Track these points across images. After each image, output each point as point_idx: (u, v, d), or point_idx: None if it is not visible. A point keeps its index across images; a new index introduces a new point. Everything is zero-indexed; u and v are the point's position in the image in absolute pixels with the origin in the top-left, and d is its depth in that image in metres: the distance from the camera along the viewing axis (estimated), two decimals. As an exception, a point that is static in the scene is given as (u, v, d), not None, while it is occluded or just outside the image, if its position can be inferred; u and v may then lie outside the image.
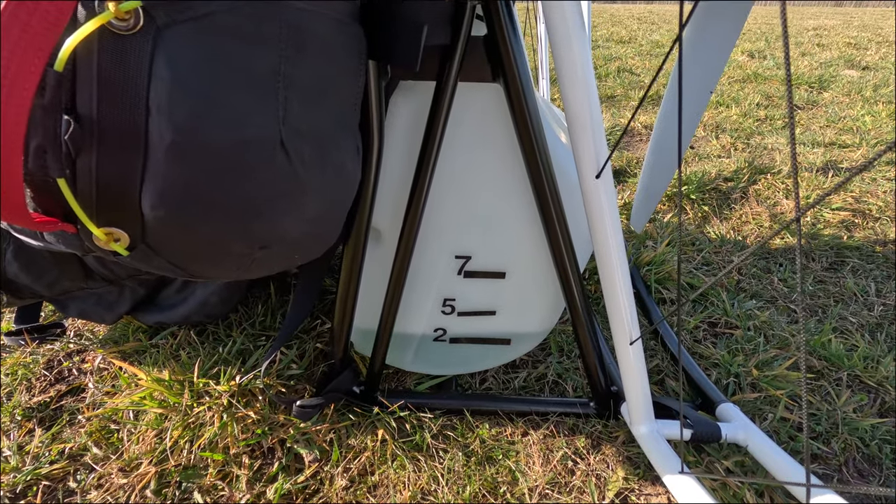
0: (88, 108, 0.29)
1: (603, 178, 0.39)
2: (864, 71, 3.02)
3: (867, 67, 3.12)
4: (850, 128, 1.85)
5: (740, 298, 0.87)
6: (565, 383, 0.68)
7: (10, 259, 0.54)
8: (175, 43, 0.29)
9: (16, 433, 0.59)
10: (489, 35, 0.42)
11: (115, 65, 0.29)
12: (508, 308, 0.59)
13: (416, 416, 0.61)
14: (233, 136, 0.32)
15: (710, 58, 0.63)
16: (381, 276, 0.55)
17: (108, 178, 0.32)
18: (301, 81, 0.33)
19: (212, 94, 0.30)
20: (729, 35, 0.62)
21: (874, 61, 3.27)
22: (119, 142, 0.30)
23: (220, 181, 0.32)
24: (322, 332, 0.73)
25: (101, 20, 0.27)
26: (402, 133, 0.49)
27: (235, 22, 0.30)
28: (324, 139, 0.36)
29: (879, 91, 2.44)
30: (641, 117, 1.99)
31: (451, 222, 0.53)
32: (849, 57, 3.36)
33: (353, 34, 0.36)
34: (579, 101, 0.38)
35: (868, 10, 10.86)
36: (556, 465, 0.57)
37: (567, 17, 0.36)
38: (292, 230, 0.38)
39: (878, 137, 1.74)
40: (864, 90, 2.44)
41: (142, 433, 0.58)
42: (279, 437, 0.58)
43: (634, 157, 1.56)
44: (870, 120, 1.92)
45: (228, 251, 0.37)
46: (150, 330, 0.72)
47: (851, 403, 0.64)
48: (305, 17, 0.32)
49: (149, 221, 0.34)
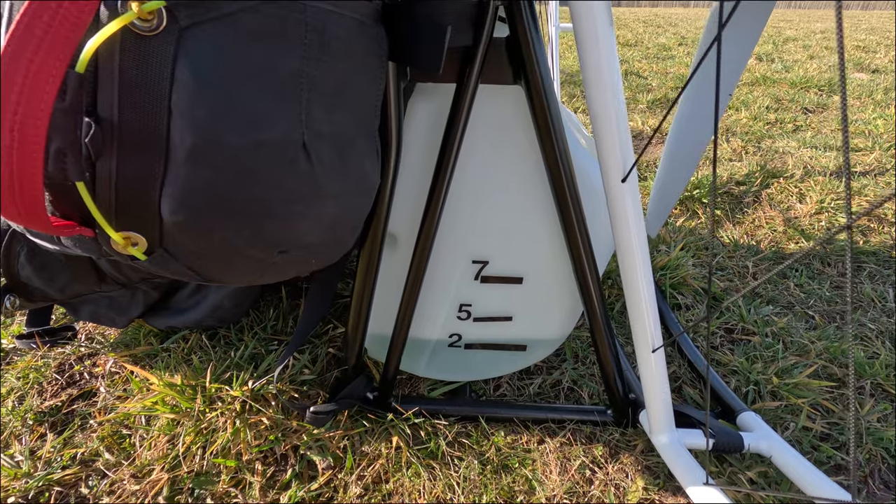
0: (109, 110, 0.29)
1: (629, 182, 0.38)
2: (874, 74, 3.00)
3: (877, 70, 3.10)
4: (861, 131, 1.83)
5: (756, 304, 0.86)
6: (581, 390, 0.67)
7: (24, 262, 0.54)
8: (198, 44, 0.28)
9: (27, 437, 0.58)
10: (511, 36, 0.42)
11: (138, 66, 0.28)
12: (525, 314, 0.58)
13: (430, 422, 0.60)
14: (255, 138, 0.31)
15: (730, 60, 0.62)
16: (396, 282, 0.55)
17: (128, 181, 0.31)
18: (323, 83, 0.33)
19: (234, 96, 0.30)
20: (750, 37, 0.61)
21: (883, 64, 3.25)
22: (140, 145, 0.30)
23: (242, 185, 0.32)
24: (335, 336, 0.72)
25: (124, 21, 0.27)
26: (421, 136, 0.48)
27: (259, 22, 0.29)
28: (344, 142, 0.36)
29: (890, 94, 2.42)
30: (651, 120, 1.98)
31: (469, 227, 0.52)
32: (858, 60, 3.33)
33: (375, 36, 0.36)
34: (605, 104, 0.37)
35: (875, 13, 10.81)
36: (573, 474, 0.56)
37: (596, 19, 0.35)
38: (311, 235, 0.37)
39: (890, 141, 1.72)
40: (874, 93, 2.42)
41: (154, 438, 0.57)
42: (292, 443, 0.57)
43: (645, 161, 1.55)
44: (882, 124, 1.90)
45: (247, 256, 0.36)
46: (161, 334, 0.71)
47: (875, 413, 0.63)
48: (328, 18, 0.31)
49: (168, 226, 0.33)
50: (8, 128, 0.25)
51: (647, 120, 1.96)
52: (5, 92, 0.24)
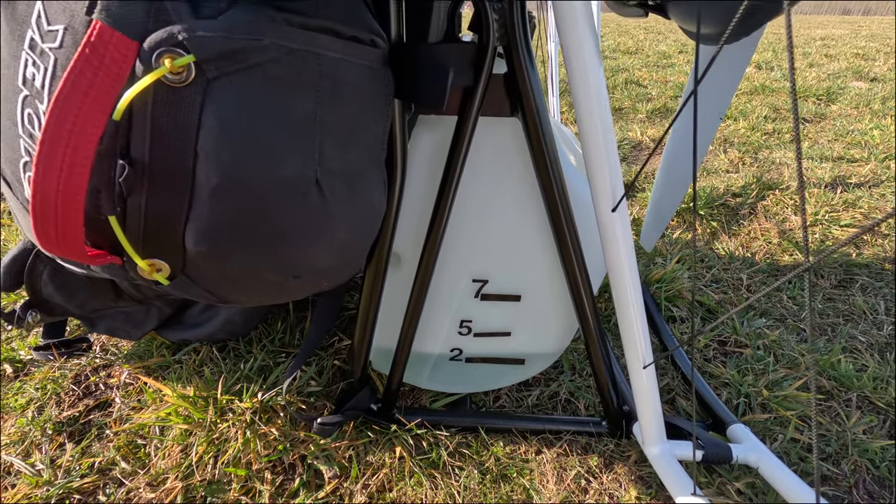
0: (141, 153, 0.32)
1: (619, 211, 0.41)
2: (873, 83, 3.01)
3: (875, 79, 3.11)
4: (858, 142, 1.85)
5: (749, 317, 0.88)
6: (577, 401, 0.69)
7: (46, 280, 0.57)
8: (223, 93, 0.31)
9: (47, 447, 0.61)
10: (509, 73, 0.44)
11: (168, 114, 0.31)
12: (523, 329, 0.61)
13: (432, 433, 0.62)
14: (273, 177, 0.34)
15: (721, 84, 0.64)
16: (400, 298, 0.57)
17: (156, 216, 0.34)
18: (335, 124, 0.35)
19: (255, 139, 0.32)
20: (741, 61, 0.63)
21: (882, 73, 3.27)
22: (168, 184, 0.33)
23: (260, 218, 0.35)
24: (340, 348, 0.74)
25: (157, 75, 0.29)
26: (424, 163, 0.51)
27: (279, 72, 0.32)
28: (354, 176, 0.38)
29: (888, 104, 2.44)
30: (650, 130, 2.00)
31: (470, 247, 0.55)
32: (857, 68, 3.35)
33: (382, 79, 0.39)
34: (597, 139, 0.40)
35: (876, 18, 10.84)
36: (569, 483, 0.58)
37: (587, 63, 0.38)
38: (323, 260, 0.40)
39: (886, 152, 1.74)
40: (872, 103, 2.44)
41: (168, 448, 0.60)
42: (300, 453, 0.60)
43: (643, 172, 1.57)
44: (878, 134, 1.92)
45: (263, 281, 0.39)
46: (173, 346, 0.74)
47: (861, 425, 0.65)
48: (339, 65, 0.34)
49: (190, 255, 0.36)
50: (56, 173, 0.28)
51: (646, 130, 1.99)
52: (55, 141, 0.27)
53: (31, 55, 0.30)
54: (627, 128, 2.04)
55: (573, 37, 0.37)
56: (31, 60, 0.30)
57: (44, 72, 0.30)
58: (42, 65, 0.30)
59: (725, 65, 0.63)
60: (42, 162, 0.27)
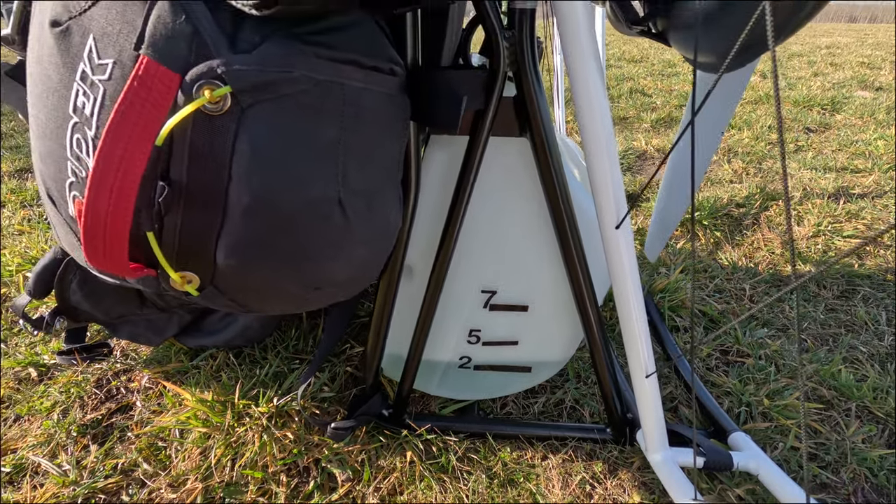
0: (179, 175, 0.34)
1: (622, 228, 0.43)
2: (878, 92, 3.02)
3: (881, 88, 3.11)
4: (862, 152, 1.86)
5: (752, 326, 0.90)
6: (582, 409, 0.71)
7: (75, 289, 0.60)
8: (256, 121, 0.34)
9: (72, 448, 0.63)
10: (518, 96, 0.47)
11: (205, 140, 0.34)
12: (530, 338, 0.63)
13: (441, 438, 0.64)
14: (300, 197, 0.36)
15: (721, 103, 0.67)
16: (411, 308, 0.60)
17: (190, 232, 0.36)
18: (357, 148, 0.38)
19: (285, 164, 0.35)
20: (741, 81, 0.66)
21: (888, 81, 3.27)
22: (203, 203, 0.35)
23: (287, 236, 0.37)
24: (352, 355, 0.77)
25: (197, 104, 0.32)
26: (436, 180, 0.53)
27: (307, 101, 0.35)
28: (373, 195, 0.41)
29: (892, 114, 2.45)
30: (654, 140, 2.02)
31: (479, 260, 0.57)
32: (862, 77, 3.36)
33: (400, 104, 0.41)
34: (601, 161, 0.42)
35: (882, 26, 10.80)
36: (575, 488, 0.60)
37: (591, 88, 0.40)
38: (342, 274, 0.42)
39: (890, 163, 1.75)
40: (877, 112, 2.45)
41: (188, 451, 0.62)
42: (314, 456, 0.62)
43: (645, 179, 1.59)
44: (882, 145, 1.93)
45: (286, 292, 0.42)
46: (190, 351, 0.77)
47: (860, 434, 0.67)
48: (361, 94, 0.37)
49: (220, 268, 0.38)
50: (106, 196, 0.30)
51: (651, 140, 2.01)
52: (106, 168, 0.30)
53: (82, 86, 0.33)
54: (632, 137, 2.06)
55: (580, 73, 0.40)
56: (81, 90, 0.33)
57: (93, 101, 0.33)
58: (92, 95, 0.33)
59: (725, 85, 0.65)
60: (94, 186, 0.30)
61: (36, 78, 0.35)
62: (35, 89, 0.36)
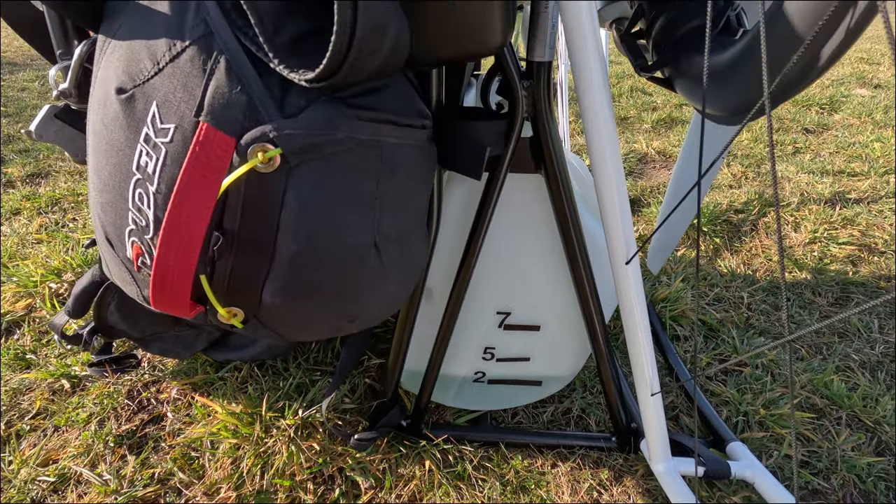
0: (232, 225, 0.38)
1: (631, 265, 0.47)
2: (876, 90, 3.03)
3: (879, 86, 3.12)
4: (859, 155, 1.89)
5: (749, 335, 0.94)
6: (589, 418, 0.76)
7: (113, 310, 0.63)
8: (302, 179, 0.37)
9: (110, 458, 0.67)
10: (534, 137, 0.50)
11: (256, 195, 0.37)
12: (541, 355, 0.67)
13: (457, 448, 0.69)
14: (340, 244, 0.40)
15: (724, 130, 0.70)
16: (430, 327, 0.63)
17: (240, 276, 0.40)
18: (391, 197, 0.41)
19: (328, 215, 0.38)
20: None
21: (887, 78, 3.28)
22: (253, 250, 0.39)
23: (328, 278, 0.41)
24: (369, 367, 0.81)
25: (251, 164, 0.35)
26: (455, 213, 0.57)
27: (349, 159, 0.38)
28: (404, 237, 0.44)
29: (889, 114, 2.47)
30: (655, 142, 2.05)
31: (495, 283, 0.61)
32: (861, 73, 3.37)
33: (429, 154, 0.44)
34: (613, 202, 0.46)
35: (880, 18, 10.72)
36: (583, 495, 0.64)
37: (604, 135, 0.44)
38: (375, 308, 0.46)
39: (886, 166, 1.78)
40: (875, 112, 2.47)
41: (220, 461, 0.66)
42: (338, 465, 0.66)
43: (649, 186, 1.62)
44: (879, 147, 1.95)
45: (324, 325, 0.45)
46: (215, 363, 0.80)
47: (850, 442, 0.71)
48: (396, 149, 0.40)
49: (265, 305, 0.42)
50: (174, 251, 0.34)
51: (652, 142, 2.03)
52: (175, 227, 0.33)
53: (146, 147, 0.36)
54: (633, 139, 2.08)
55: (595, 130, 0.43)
56: (145, 151, 0.36)
57: (155, 161, 0.36)
58: (154, 155, 0.36)
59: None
60: (164, 244, 0.33)
61: (100, 137, 0.39)
62: (98, 146, 0.39)
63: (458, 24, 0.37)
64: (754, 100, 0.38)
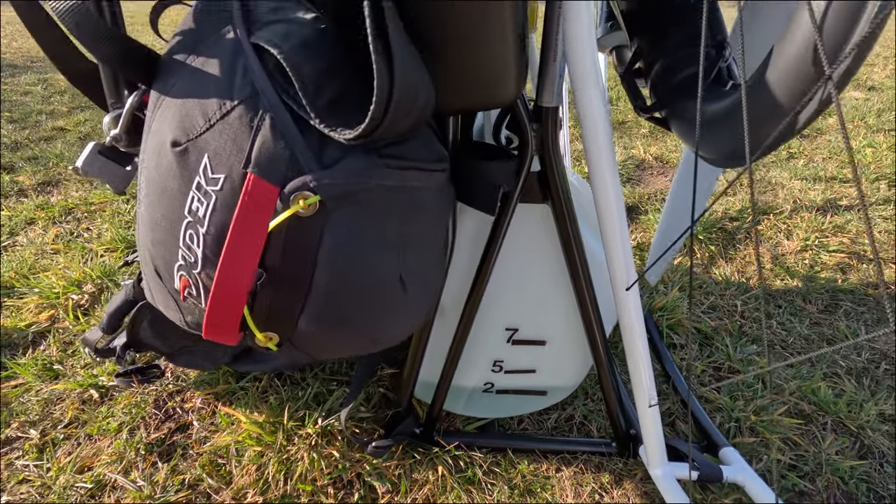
0: (274, 262, 0.42)
1: (632, 291, 0.51)
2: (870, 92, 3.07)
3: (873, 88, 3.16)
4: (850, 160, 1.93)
5: (742, 343, 0.98)
6: (590, 424, 0.80)
7: (146, 327, 0.67)
8: (338, 222, 0.41)
9: (142, 465, 0.71)
10: (542, 171, 0.55)
11: (296, 236, 0.41)
12: (546, 367, 0.71)
13: (467, 454, 0.73)
14: (370, 279, 0.44)
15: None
16: (443, 342, 0.68)
17: (279, 306, 0.44)
18: (414, 235, 0.46)
19: (360, 254, 0.43)
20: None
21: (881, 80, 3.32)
22: (291, 285, 0.43)
23: (357, 307, 0.45)
24: (383, 377, 0.85)
25: (293, 211, 0.40)
26: (467, 240, 0.61)
27: (379, 204, 0.42)
28: (425, 270, 0.49)
29: (882, 117, 2.51)
30: (652, 148, 2.09)
31: (504, 303, 0.65)
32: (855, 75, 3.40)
33: (448, 194, 0.49)
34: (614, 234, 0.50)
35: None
36: (585, 498, 0.69)
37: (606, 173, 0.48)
38: (397, 332, 0.50)
39: (877, 172, 1.82)
40: (868, 116, 2.51)
41: (245, 467, 0.70)
42: (357, 471, 0.71)
43: (646, 193, 1.67)
44: (870, 153, 1.99)
45: (352, 346, 0.50)
46: (235, 373, 0.85)
47: (835, 446, 0.76)
48: (419, 192, 0.44)
49: (300, 331, 0.46)
50: (228, 291, 0.38)
51: (649, 147, 2.07)
52: (229, 271, 0.38)
53: (197, 194, 0.40)
54: (631, 144, 2.12)
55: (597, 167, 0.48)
56: (196, 197, 0.41)
57: (206, 206, 0.40)
58: (205, 201, 0.40)
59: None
60: (219, 284, 0.38)
61: (153, 183, 0.43)
62: (151, 190, 0.43)
63: (476, 79, 0.41)
64: (743, 150, 0.42)
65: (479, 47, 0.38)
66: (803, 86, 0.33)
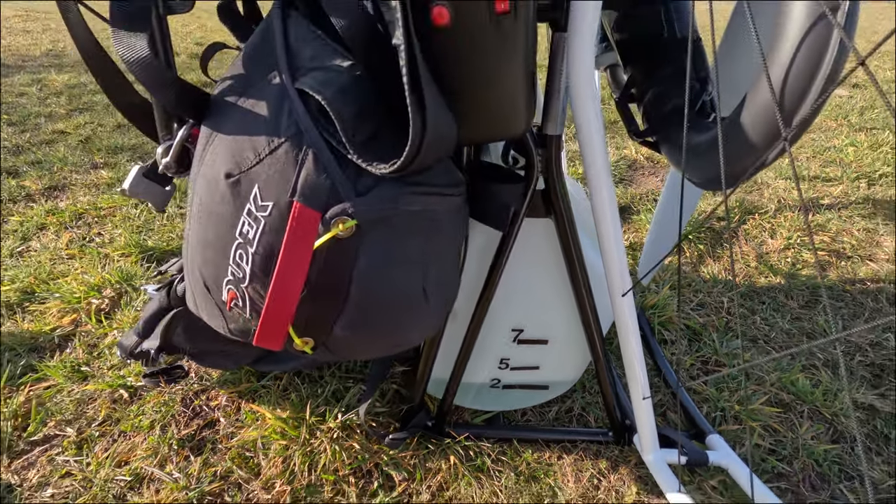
0: (314, 278, 0.48)
1: (627, 297, 0.58)
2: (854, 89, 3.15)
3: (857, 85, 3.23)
4: (833, 159, 2.00)
5: (728, 338, 1.05)
6: (588, 415, 0.87)
7: (179, 332, 0.73)
8: (371, 242, 0.47)
9: (175, 459, 0.77)
10: (546, 190, 0.61)
11: (335, 255, 0.47)
12: (549, 364, 0.78)
13: (476, 444, 0.80)
14: (398, 291, 0.50)
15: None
16: (454, 342, 0.74)
17: (317, 315, 0.50)
18: (435, 252, 0.52)
19: (389, 269, 0.48)
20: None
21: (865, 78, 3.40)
22: (329, 297, 0.49)
23: (386, 316, 0.51)
24: (395, 373, 0.91)
25: (333, 233, 0.45)
26: (476, 251, 0.67)
27: (405, 226, 0.48)
28: (444, 281, 0.55)
29: (865, 115, 2.58)
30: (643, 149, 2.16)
31: (511, 306, 0.71)
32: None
33: (464, 214, 0.55)
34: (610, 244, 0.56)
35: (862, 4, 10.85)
36: (585, 482, 0.76)
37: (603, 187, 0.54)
38: (417, 335, 0.56)
39: (858, 171, 1.90)
40: (850, 115, 2.58)
41: (272, 459, 0.76)
42: (375, 461, 0.77)
43: (638, 193, 1.73)
44: (852, 152, 2.06)
45: (378, 348, 0.56)
46: (256, 373, 0.90)
47: (811, 432, 0.83)
48: (441, 214, 0.50)
49: (335, 336, 0.52)
50: (280, 307, 0.44)
51: (641, 147, 2.13)
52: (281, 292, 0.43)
53: (248, 219, 0.46)
54: (623, 145, 2.19)
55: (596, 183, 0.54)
56: (247, 222, 0.46)
57: (255, 229, 0.46)
58: (255, 225, 0.46)
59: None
60: (272, 302, 0.43)
61: (206, 208, 0.48)
62: (204, 214, 0.48)
63: (493, 117, 0.47)
64: (737, 172, 0.48)
65: (498, 90, 0.44)
66: (769, 130, 0.39)
